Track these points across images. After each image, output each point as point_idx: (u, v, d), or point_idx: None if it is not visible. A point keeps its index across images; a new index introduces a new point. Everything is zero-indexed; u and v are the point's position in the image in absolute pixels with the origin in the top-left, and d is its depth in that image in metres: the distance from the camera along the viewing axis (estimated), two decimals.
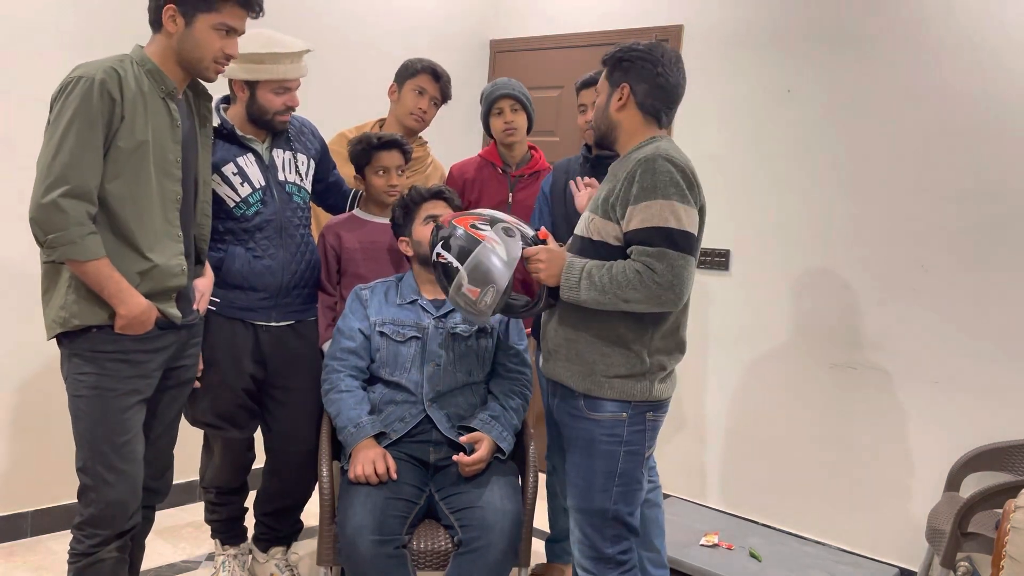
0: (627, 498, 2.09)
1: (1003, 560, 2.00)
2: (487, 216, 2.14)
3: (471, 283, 2.03)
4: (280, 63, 2.40)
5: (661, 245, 1.93)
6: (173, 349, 2.14)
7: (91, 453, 2.00)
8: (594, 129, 2.21)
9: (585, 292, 1.99)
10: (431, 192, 2.50)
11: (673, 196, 1.94)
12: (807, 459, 3.44)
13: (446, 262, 2.09)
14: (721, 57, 3.66)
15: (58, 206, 1.86)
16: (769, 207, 3.53)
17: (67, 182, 1.87)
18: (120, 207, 1.96)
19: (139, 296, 1.98)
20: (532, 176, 3.00)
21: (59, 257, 1.90)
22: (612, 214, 2.02)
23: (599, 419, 2.06)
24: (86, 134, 1.89)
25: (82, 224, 1.89)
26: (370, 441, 2.29)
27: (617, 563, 2.11)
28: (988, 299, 3.02)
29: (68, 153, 1.87)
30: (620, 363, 2.03)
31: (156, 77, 2.02)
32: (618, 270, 1.96)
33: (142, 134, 1.97)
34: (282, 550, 2.81)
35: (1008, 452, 2.92)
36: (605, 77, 2.15)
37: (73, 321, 1.96)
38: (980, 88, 3.03)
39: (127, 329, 1.98)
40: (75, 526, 2.04)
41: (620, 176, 2.03)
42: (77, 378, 2.00)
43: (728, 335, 3.67)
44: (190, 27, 2.01)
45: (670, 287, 1.93)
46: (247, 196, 2.46)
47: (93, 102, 1.89)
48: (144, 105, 1.98)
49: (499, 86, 2.94)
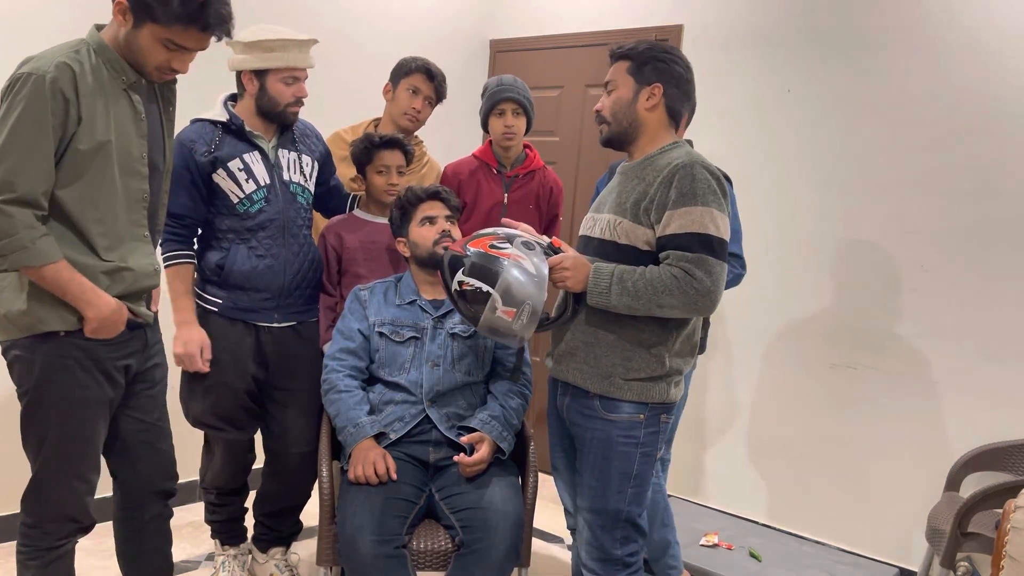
0: (639, 499, 2.09)
1: (1003, 560, 2.00)
2: (502, 234, 2.07)
3: (506, 304, 1.96)
4: (289, 51, 2.40)
5: (700, 252, 1.92)
6: (140, 351, 2.05)
7: (57, 463, 1.91)
8: (612, 123, 2.12)
9: (616, 297, 1.97)
10: (427, 193, 2.49)
11: (712, 204, 1.94)
12: (807, 459, 3.44)
13: (472, 288, 1.99)
14: (721, 57, 3.66)
15: (3, 212, 1.73)
16: (769, 207, 3.53)
17: (13, 189, 1.73)
18: (80, 211, 1.83)
19: (106, 296, 1.87)
20: (527, 176, 2.99)
21: (12, 265, 1.77)
22: (644, 218, 2.00)
23: (616, 420, 2.05)
24: (35, 137, 1.74)
25: (32, 227, 1.75)
26: (370, 442, 2.29)
27: (624, 565, 2.10)
28: (988, 299, 3.02)
29: (15, 157, 1.73)
30: (642, 367, 2.03)
31: (116, 68, 1.87)
32: (654, 275, 1.94)
33: (104, 133, 1.83)
34: (282, 550, 2.81)
35: (1008, 452, 2.92)
36: (629, 73, 2.08)
37: (40, 326, 1.84)
38: (980, 88, 3.03)
39: (99, 332, 1.88)
40: (27, 525, 1.96)
41: (652, 180, 2.00)
42: (43, 386, 1.87)
43: (728, 335, 3.67)
44: (137, 30, 1.83)
45: (708, 294, 1.93)
46: (251, 193, 2.45)
47: (44, 103, 1.73)
48: (104, 101, 1.83)
49: (505, 86, 2.89)
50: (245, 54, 2.40)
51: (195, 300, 2.53)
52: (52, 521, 1.96)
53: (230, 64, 2.45)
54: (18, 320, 1.86)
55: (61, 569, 2.01)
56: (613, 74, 2.12)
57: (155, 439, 2.13)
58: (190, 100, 2.70)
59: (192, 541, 3.15)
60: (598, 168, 4.02)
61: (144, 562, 2.18)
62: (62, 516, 1.97)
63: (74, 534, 2.01)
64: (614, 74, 2.11)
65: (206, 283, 2.52)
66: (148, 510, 2.15)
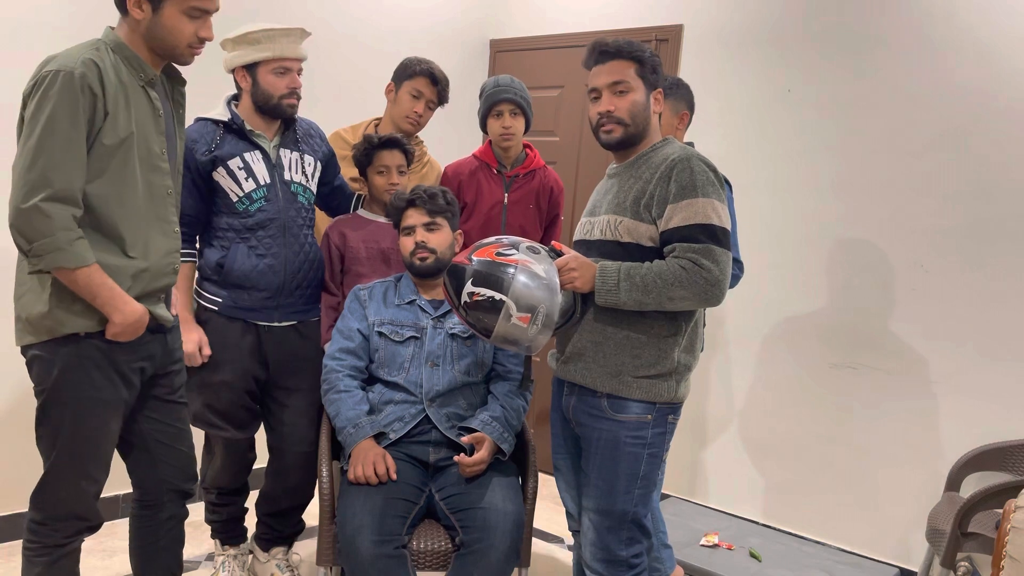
0: (645, 500, 2.09)
1: (1003, 560, 2.00)
2: (507, 241, 2.06)
3: (520, 311, 1.94)
4: (276, 41, 2.39)
5: (707, 241, 1.94)
6: (160, 355, 2.05)
7: (68, 462, 1.92)
8: (631, 125, 2.08)
9: (625, 294, 1.98)
10: (405, 200, 2.45)
11: (712, 194, 1.97)
12: (807, 459, 3.44)
13: (484, 299, 1.96)
14: (721, 57, 3.66)
15: (41, 211, 1.73)
16: (769, 207, 3.53)
17: (50, 185, 1.73)
18: (105, 207, 1.84)
19: (133, 302, 1.88)
20: (528, 176, 2.99)
21: (46, 266, 1.77)
22: (646, 215, 2.01)
23: (624, 420, 2.05)
24: (69, 132, 1.75)
25: (69, 229, 1.75)
26: (369, 442, 2.29)
27: (629, 566, 2.10)
28: (988, 299, 3.02)
29: (50, 153, 1.73)
30: (651, 363, 2.03)
31: (135, 65, 1.88)
32: (662, 268, 1.95)
33: (125, 129, 1.84)
34: (283, 550, 2.81)
35: (1008, 452, 2.92)
36: (639, 75, 2.07)
37: (61, 329, 1.84)
38: (980, 88, 3.03)
39: (120, 336, 1.88)
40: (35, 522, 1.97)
41: (650, 176, 2.02)
42: (60, 387, 1.88)
43: (729, 335, 3.67)
44: (158, 14, 1.85)
45: (716, 283, 1.94)
46: (250, 192, 2.45)
47: (75, 98, 1.75)
48: (126, 97, 1.85)
49: (502, 88, 2.88)
50: (235, 51, 2.41)
51: (195, 299, 2.53)
52: (60, 519, 1.97)
53: (223, 64, 2.46)
54: (39, 323, 1.86)
55: (67, 567, 2.02)
56: (622, 74, 2.06)
57: (174, 440, 2.14)
58: (201, 103, 2.70)
59: (192, 541, 3.15)
60: (598, 168, 4.02)
61: (157, 560, 2.20)
62: (70, 514, 1.98)
63: (81, 532, 2.02)
64: (623, 74, 2.06)
65: (206, 282, 2.52)
66: (165, 509, 2.16)
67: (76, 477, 1.95)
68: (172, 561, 2.22)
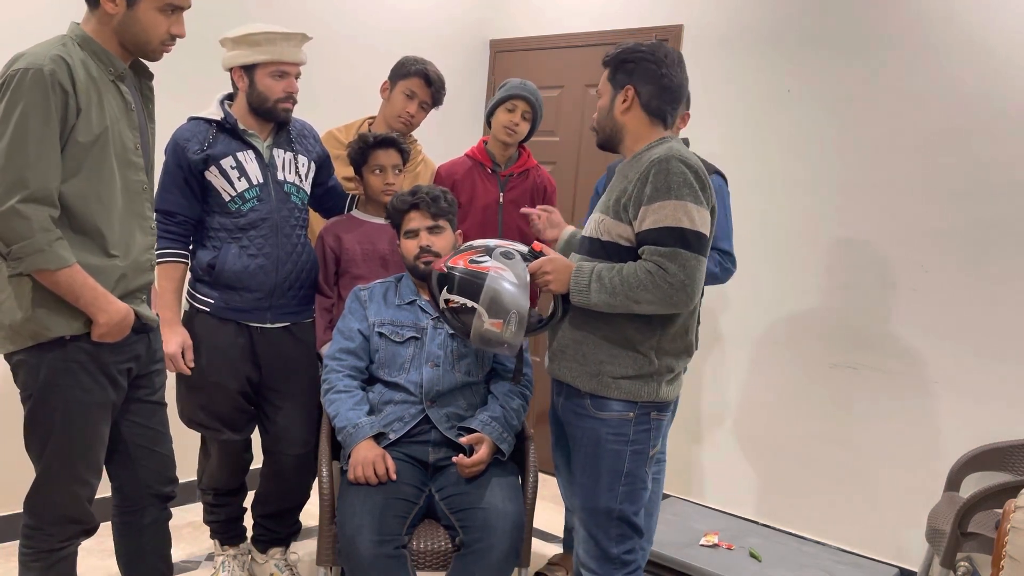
0: (632, 497, 2.09)
1: (1003, 560, 2.00)
2: (480, 247, 2.13)
3: (492, 316, 2.02)
4: (276, 44, 2.39)
5: (674, 245, 1.92)
6: (144, 356, 2.04)
7: (59, 466, 1.91)
8: (598, 131, 2.17)
9: (596, 295, 1.99)
10: (407, 203, 2.43)
11: (687, 197, 1.94)
12: (807, 459, 3.44)
13: (458, 305, 2.07)
14: (721, 57, 3.66)
15: (18, 212, 1.69)
16: (768, 207, 3.53)
17: (26, 186, 1.70)
18: (83, 206, 1.81)
19: (118, 301, 1.86)
20: (522, 175, 3.00)
21: (27, 268, 1.74)
22: (624, 215, 2.01)
23: (605, 418, 2.05)
24: (42, 131, 1.71)
25: (48, 230, 1.73)
26: (369, 442, 2.29)
27: (622, 563, 2.10)
28: (988, 299, 3.02)
29: (24, 154, 1.70)
30: (628, 364, 2.03)
31: (104, 59, 1.85)
32: (629, 271, 1.95)
33: (99, 125, 1.81)
34: (281, 550, 2.81)
35: (1008, 452, 2.92)
36: (607, 79, 2.13)
37: (47, 333, 1.81)
38: (980, 88, 3.03)
39: (106, 337, 1.87)
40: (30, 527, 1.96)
41: (632, 177, 2.02)
42: (48, 391, 1.86)
43: (728, 335, 3.67)
44: (132, 9, 1.83)
45: (682, 287, 1.92)
46: (243, 191, 2.45)
47: (46, 95, 1.71)
48: (97, 92, 1.82)
49: (527, 89, 2.90)
50: (234, 50, 2.41)
51: (187, 300, 2.53)
52: (54, 523, 1.96)
53: (222, 62, 2.46)
54: (22, 329, 1.83)
55: (63, 571, 2.00)
56: (600, 83, 2.17)
57: (153, 442, 2.11)
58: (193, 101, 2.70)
59: (192, 541, 3.15)
60: (598, 168, 4.02)
61: (143, 565, 2.17)
62: (64, 518, 1.96)
63: (77, 536, 2.00)
64: (600, 82, 2.17)
65: (199, 283, 2.51)
66: (147, 514, 2.14)
67: (68, 481, 1.93)
68: (161, 564, 2.20)
